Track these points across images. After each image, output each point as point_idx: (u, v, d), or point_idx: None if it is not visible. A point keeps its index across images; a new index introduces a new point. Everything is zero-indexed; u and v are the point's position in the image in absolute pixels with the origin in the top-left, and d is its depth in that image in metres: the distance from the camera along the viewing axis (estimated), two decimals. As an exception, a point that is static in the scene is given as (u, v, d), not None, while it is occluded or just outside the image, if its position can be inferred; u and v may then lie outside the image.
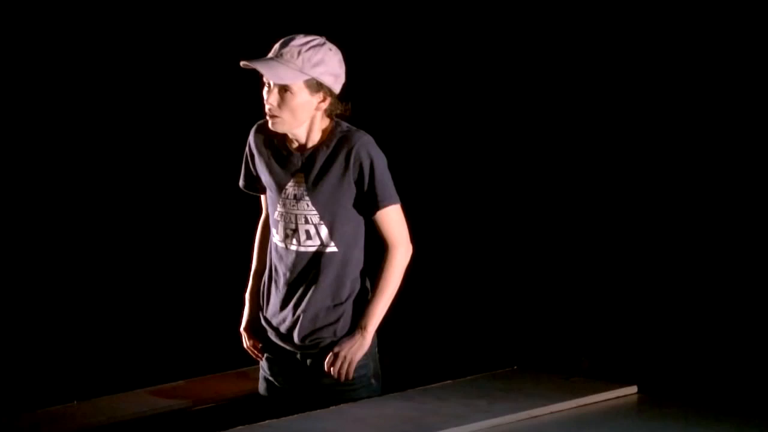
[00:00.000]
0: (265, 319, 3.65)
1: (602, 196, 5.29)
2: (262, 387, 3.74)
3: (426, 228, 5.65)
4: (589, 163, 5.35)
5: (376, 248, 3.60)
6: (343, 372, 3.52)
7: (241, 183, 3.70)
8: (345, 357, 3.51)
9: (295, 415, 3.51)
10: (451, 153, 5.74)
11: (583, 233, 5.37)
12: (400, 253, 3.55)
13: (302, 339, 3.57)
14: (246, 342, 3.75)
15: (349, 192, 3.48)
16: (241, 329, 3.76)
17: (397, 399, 3.62)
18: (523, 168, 5.56)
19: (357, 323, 3.54)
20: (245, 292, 3.76)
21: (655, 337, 5.07)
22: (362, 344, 3.53)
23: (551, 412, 3.49)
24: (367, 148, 3.45)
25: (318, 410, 3.52)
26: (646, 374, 4.05)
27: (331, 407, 3.53)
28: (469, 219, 5.70)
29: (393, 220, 3.52)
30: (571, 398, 3.57)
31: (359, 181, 3.46)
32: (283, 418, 3.47)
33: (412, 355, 5.18)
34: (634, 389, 3.68)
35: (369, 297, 3.55)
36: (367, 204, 3.49)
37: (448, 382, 3.81)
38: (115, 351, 5.56)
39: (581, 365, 3.82)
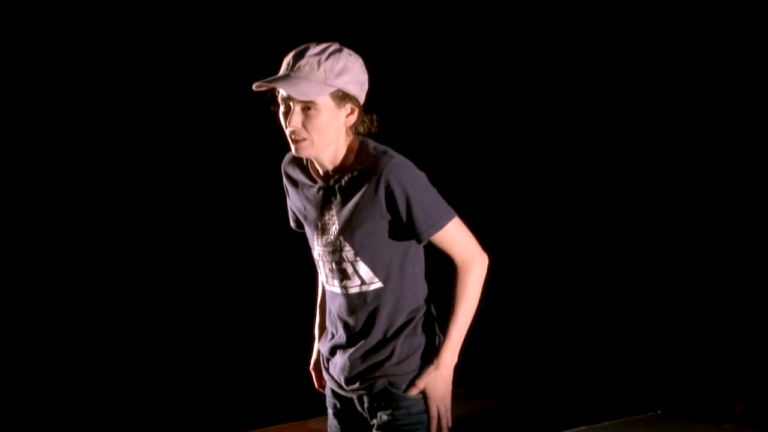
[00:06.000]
0: (325, 365, 3.38)
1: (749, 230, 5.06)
2: None
3: (562, 266, 5.55)
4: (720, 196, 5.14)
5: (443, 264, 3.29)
6: (444, 416, 3.19)
7: (291, 224, 3.41)
8: (431, 399, 3.18)
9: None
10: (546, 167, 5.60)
11: (739, 268, 5.10)
12: (474, 269, 3.19)
13: (352, 381, 3.27)
14: (316, 383, 3.48)
15: (384, 223, 3.12)
16: (310, 369, 3.48)
17: (524, 446, 3.38)
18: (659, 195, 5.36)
19: (411, 356, 3.23)
20: (313, 326, 3.50)
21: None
22: (437, 377, 3.19)
23: (699, 464, 3.25)
24: (397, 173, 3.05)
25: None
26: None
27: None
28: (607, 258, 5.48)
29: (452, 238, 3.15)
30: (722, 448, 3.32)
31: (394, 213, 3.10)
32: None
33: (544, 397, 4.98)
34: (794, 439, 3.43)
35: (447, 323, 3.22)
36: (413, 234, 3.15)
37: (582, 428, 3.63)
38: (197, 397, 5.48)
39: (734, 410, 3.59)
